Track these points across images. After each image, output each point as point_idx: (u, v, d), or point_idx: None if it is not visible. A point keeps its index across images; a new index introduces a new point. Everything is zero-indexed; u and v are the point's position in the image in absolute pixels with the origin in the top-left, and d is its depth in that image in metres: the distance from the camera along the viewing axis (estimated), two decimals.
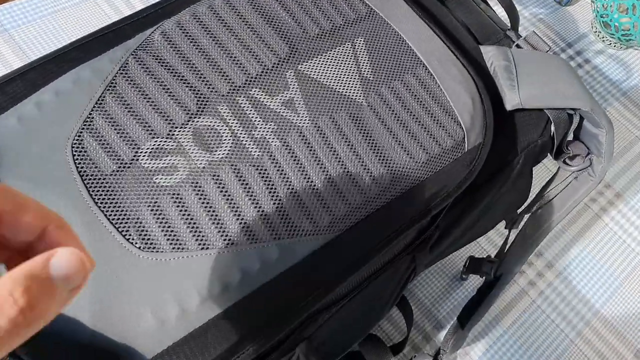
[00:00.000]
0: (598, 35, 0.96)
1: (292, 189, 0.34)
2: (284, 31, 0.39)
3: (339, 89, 0.38)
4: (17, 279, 0.15)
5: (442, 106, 0.39)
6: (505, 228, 0.58)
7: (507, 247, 0.57)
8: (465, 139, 0.39)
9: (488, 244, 0.68)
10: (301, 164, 0.35)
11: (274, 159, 0.34)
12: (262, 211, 0.33)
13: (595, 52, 0.95)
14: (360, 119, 0.37)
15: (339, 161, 0.35)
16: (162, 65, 0.36)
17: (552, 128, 0.47)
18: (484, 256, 0.61)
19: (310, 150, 0.35)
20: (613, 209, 0.76)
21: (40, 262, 0.16)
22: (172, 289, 0.30)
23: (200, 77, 0.36)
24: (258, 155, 0.34)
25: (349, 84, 0.38)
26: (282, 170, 0.34)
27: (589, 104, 0.44)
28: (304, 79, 0.38)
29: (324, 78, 0.38)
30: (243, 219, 0.32)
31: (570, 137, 0.50)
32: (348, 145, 0.36)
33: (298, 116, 0.36)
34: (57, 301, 0.16)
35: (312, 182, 0.34)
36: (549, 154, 0.49)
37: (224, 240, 0.32)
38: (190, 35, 0.37)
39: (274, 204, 0.33)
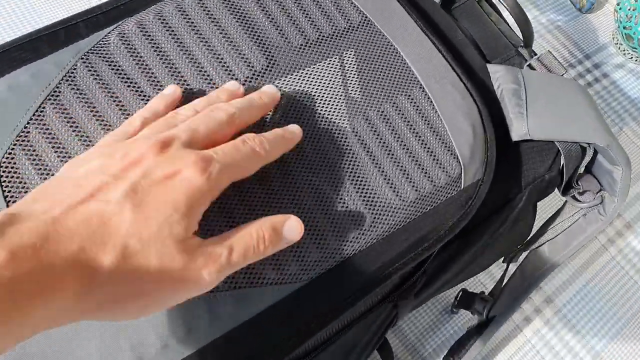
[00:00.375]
0: (619, 48, 0.91)
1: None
2: (262, 39, 0.35)
3: (321, 110, 0.34)
4: (268, 227, 0.26)
5: (438, 135, 0.35)
6: (503, 262, 0.54)
7: (504, 282, 0.53)
8: (462, 175, 0.35)
9: (484, 274, 0.64)
10: (270, 198, 0.31)
11: (238, 193, 0.30)
12: None
13: (615, 66, 0.90)
14: (342, 147, 0.33)
15: (315, 196, 0.31)
16: (116, 73, 0.32)
17: (562, 161, 0.43)
18: (479, 290, 0.57)
19: (282, 182, 0.31)
20: (621, 240, 0.72)
21: (281, 220, 0.27)
22: (101, 348, 0.26)
23: (159, 90, 0.32)
24: None
25: (334, 105, 0.34)
26: (247, 206, 0.30)
27: (605, 139, 0.40)
28: (282, 98, 0.34)
29: (305, 97, 0.34)
30: None
31: (581, 170, 0.46)
32: (326, 177, 0.32)
33: None
34: (278, 248, 0.27)
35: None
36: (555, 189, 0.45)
37: None
38: (152, 39, 0.33)
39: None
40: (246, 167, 0.27)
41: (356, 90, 0.35)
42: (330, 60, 0.36)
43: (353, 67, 0.36)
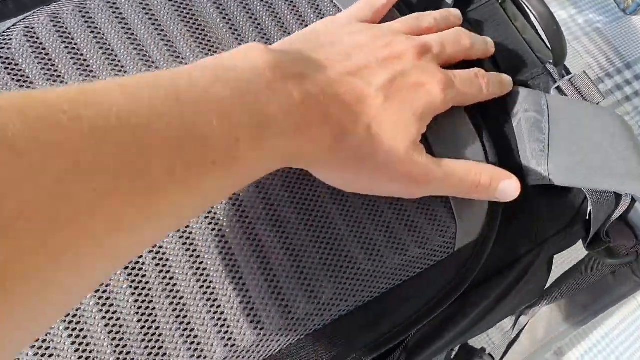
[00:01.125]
0: None
1: (179, 309, 0.24)
2: (210, 43, 0.28)
3: None
4: (488, 175, 0.28)
5: None
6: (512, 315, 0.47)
7: (512, 339, 0.46)
8: (457, 234, 0.28)
9: None
10: (201, 267, 0.24)
11: (159, 260, 0.24)
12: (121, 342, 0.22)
13: None
14: (305, 198, 0.27)
15: (261, 264, 0.25)
16: (13, 79, 0.25)
17: (589, 208, 0.35)
18: (482, 341, 0.51)
19: (221, 252, 0.25)
20: None
21: (502, 176, 0.29)
22: None
23: None
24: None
25: None
26: (168, 276, 0.24)
27: None
28: None
29: None
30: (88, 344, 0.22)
31: (613, 218, 0.38)
32: (280, 239, 0.25)
33: None
34: (484, 198, 0.29)
35: (212, 296, 0.24)
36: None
37: None
38: (67, 37, 0.27)
39: (144, 334, 0.23)
40: (468, 100, 0.30)
41: None
42: None
43: None
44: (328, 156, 0.24)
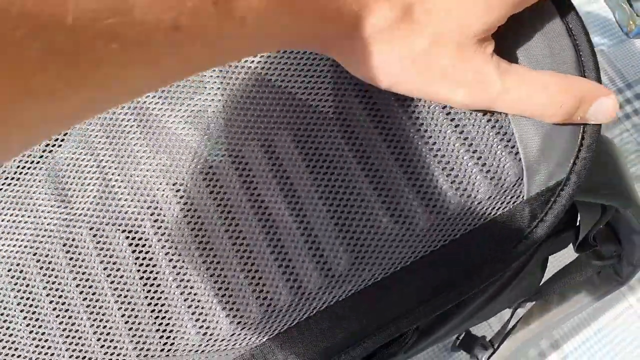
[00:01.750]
0: None
1: (183, 285, 0.24)
2: None
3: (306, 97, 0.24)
4: (576, 95, 0.20)
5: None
6: (509, 308, 0.52)
7: (508, 329, 0.51)
8: (525, 177, 0.22)
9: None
10: (203, 240, 0.23)
11: (161, 235, 0.24)
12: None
13: None
14: (320, 153, 0.23)
15: (267, 234, 0.23)
16: None
17: (579, 217, 0.40)
18: (484, 329, 0.55)
19: (224, 220, 0.23)
20: None
21: (597, 94, 0.20)
22: None
23: None
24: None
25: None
26: (172, 252, 0.24)
27: (629, 203, 0.38)
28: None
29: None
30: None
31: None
32: (289, 204, 0.23)
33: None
34: (569, 120, 0.20)
35: (215, 271, 0.23)
36: None
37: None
38: None
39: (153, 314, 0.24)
40: None
41: None
42: None
43: None
44: (351, 38, 0.18)
